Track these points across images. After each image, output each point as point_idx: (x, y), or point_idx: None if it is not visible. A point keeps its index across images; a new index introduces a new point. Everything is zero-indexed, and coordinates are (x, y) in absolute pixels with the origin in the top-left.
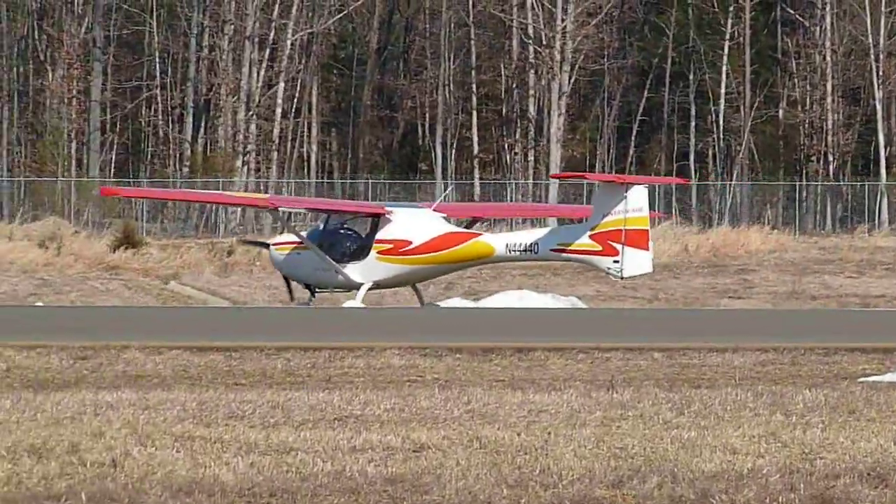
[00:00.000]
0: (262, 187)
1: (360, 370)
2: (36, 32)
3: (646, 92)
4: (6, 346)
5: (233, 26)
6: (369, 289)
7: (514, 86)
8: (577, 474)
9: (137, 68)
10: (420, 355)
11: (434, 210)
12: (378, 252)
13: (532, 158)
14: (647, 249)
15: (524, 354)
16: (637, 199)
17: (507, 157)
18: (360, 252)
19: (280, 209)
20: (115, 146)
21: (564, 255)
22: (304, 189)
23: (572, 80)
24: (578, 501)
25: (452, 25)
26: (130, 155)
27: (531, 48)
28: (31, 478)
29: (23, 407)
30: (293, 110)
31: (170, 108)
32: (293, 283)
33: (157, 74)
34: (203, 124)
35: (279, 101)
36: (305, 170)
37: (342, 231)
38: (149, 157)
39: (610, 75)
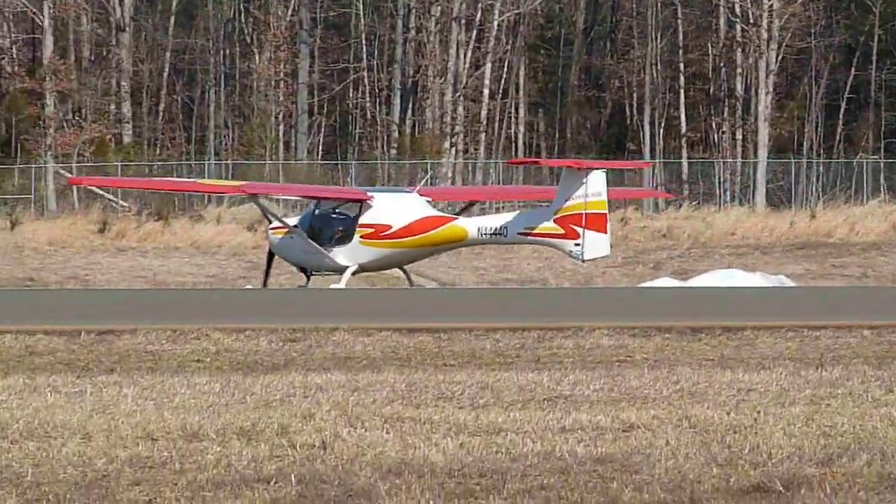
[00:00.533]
0: (469, 168)
1: (569, 350)
2: (242, 16)
3: (853, 70)
4: (215, 328)
5: (439, 7)
6: (354, 272)
7: (722, 64)
8: (787, 453)
9: (344, 50)
10: (629, 335)
11: (418, 194)
12: (361, 236)
13: (740, 137)
14: (606, 233)
15: (733, 333)
16: (596, 184)
17: (715, 136)
18: (345, 236)
19: (259, 196)
20: (322, 128)
21: (530, 238)
22: (512, 170)
23: (779, 59)
24: (788, 480)
25: (659, 5)
26: (338, 137)
27: (738, 26)
28: (240, 460)
29: (232, 389)
30: (500, 91)
31: (377, 90)
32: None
33: (364, 56)
34: (410, 106)
35: (486, 82)
36: (513, 150)
37: (331, 215)
38: (356, 139)
39: (817, 53)
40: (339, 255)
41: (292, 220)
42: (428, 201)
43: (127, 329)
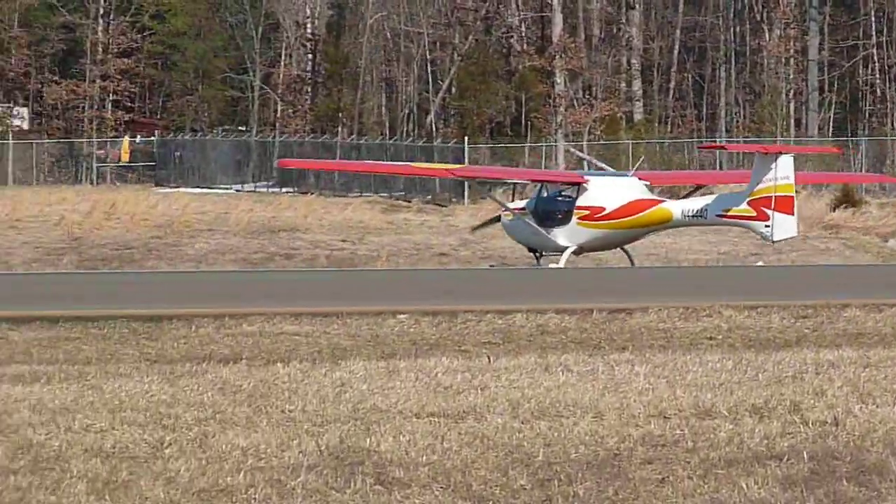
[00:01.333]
0: None
1: None
2: None
3: None
4: (727, 306)
5: None
6: (573, 252)
7: None
8: None
9: (854, 28)
10: None
11: (635, 177)
12: (578, 218)
13: None
14: (793, 214)
15: None
16: (785, 168)
17: None
18: (565, 218)
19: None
20: (832, 105)
21: (725, 219)
22: None
23: None
24: None
25: None
26: (848, 114)
27: None
28: (752, 437)
29: (744, 367)
30: None
31: (887, 67)
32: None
33: (873, 33)
34: None
35: None
36: None
37: (555, 198)
38: (867, 115)
39: None
40: (560, 235)
41: (521, 203)
42: (646, 185)
43: (638, 307)
